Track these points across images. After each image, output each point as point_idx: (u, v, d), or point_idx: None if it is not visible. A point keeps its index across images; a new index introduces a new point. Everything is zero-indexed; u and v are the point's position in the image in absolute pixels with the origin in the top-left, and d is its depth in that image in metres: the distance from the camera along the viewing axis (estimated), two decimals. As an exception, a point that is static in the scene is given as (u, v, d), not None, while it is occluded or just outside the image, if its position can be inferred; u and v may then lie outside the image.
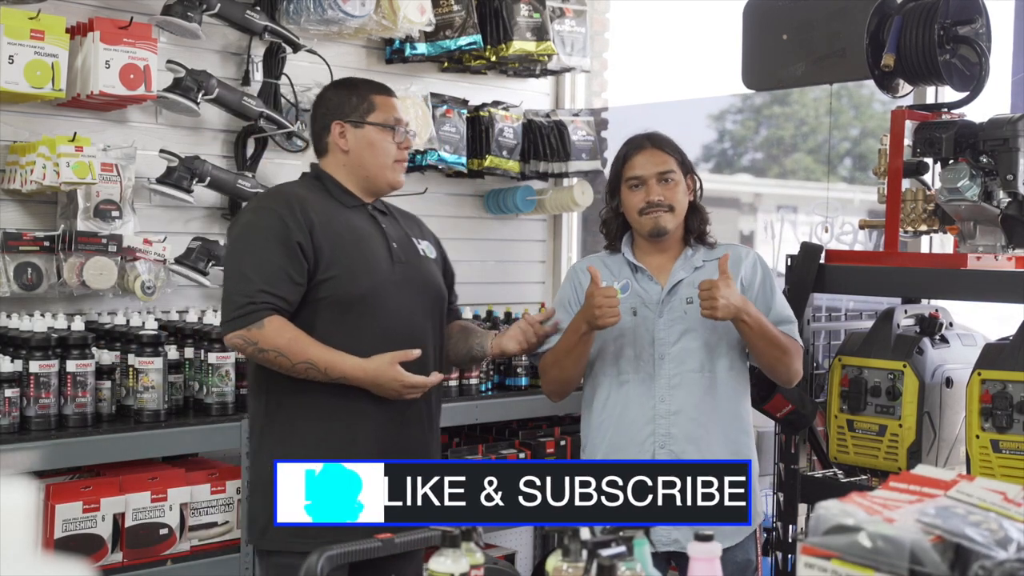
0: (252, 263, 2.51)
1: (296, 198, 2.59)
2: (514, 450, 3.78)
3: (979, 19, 2.92)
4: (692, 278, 2.76)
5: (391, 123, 2.68)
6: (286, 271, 2.49)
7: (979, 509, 1.39)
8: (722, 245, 2.83)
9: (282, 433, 2.57)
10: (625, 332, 2.76)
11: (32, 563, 0.97)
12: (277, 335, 2.46)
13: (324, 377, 2.49)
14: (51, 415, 2.84)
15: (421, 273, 2.70)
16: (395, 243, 2.67)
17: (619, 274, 2.82)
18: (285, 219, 2.52)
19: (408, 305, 2.64)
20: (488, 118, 4.07)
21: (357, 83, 2.76)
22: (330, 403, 2.54)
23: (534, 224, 4.55)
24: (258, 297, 2.47)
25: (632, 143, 2.82)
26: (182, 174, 3.36)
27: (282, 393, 2.57)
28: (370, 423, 2.56)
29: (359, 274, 2.57)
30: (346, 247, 2.58)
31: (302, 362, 2.47)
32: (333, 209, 2.62)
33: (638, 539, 1.61)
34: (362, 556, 1.89)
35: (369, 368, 2.49)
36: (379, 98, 2.70)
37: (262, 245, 2.51)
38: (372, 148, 2.67)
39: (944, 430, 2.88)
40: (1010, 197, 2.77)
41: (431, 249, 2.80)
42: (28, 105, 3.19)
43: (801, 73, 3.66)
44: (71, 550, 2.78)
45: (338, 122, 2.67)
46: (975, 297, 2.85)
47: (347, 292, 2.55)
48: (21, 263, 3.09)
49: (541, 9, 4.06)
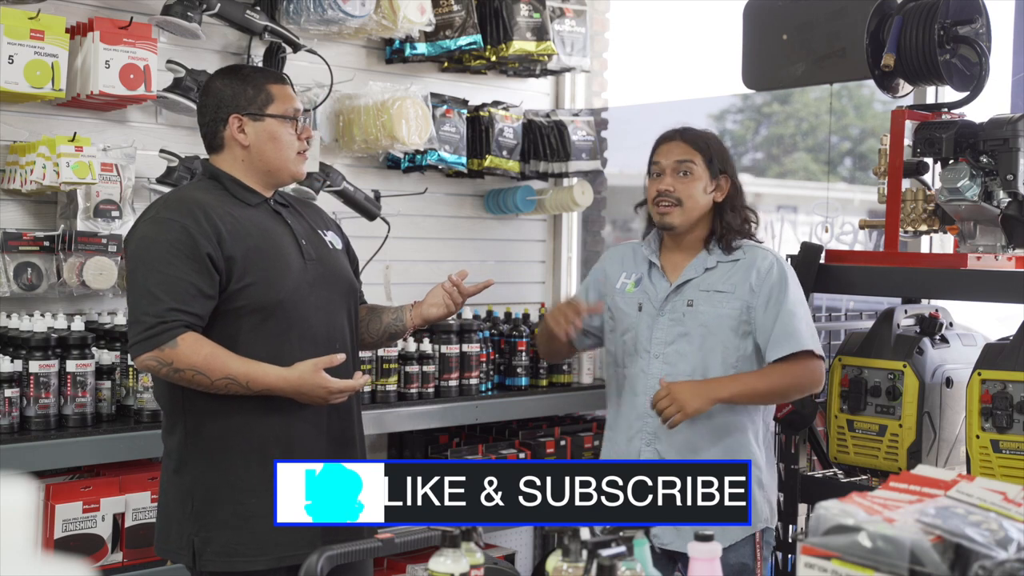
0: (158, 280, 2.37)
1: (198, 204, 2.44)
2: (514, 450, 3.78)
3: (979, 19, 2.92)
4: (699, 280, 2.75)
5: (291, 114, 2.54)
6: (196, 286, 2.37)
7: (979, 509, 1.39)
8: (744, 246, 2.79)
9: (208, 452, 2.45)
10: (630, 327, 2.79)
11: (32, 563, 0.97)
12: (193, 353, 2.33)
13: (246, 391, 2.37)
14: (51, 415, 2.85)
15: (331, 268, 2.60)
16: (304, 240, 2.56)
17: (638, 267, 2.85)
18: (189, 230, 2.38)
19: (325, 304, 2.55)
20: (488, 118, 4.07)
21: (249, 72, 2.60)
22: (260, 417, 2.44)
23: (534, 224, 4.54)
24: (168, 316, 2.34)
25: (668, 131, 2.83)
26: (182, 174, 3.36)
27: (203, 413, 2.44)
28: (302, 432, 2.48)
29: (275, 279, 2.45)
30: (258, 251, 2.45)
31: (222, 378, 2.35)
32: (237, 211, 2.49)
33: (638, 539, 1.61)
34: (362, 556, 1.90)
35: (292, 377, 2.38)
36: (276, 88, 2.56)
37: (167, 260, 2.37)
38: (274, 141, 2.52)
39: (944, 430, 2.88)
40: (1010, 197, 2.77)
41: (337, 239, 2.68)
42: (28, 105, 3.19)
43: (801, 73, 3.66)
44: (71, 550, 2.78)
45: (235, 115, 2.51)
46: (975, 297, 2.85)
47: (265, 299, 2.44)
48: (21, 263, 3.09)
49: (541, 9, 4.06)
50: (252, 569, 2.45)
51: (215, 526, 2.43)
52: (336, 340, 2.54)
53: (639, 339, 2.77)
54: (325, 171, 3.66)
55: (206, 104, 2.57)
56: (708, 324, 2.72)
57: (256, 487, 2.41)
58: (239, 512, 2.42)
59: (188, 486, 2.45)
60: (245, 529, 2.42)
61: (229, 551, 2.42)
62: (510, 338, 3.85)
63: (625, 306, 2.83)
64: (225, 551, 2.42)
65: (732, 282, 2.74)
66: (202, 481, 2.45)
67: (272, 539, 2.40)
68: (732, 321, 2.71)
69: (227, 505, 2.43)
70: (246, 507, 2.42)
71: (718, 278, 2.75)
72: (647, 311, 2.78)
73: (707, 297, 2.74)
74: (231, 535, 2.42)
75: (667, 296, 2.77)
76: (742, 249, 2.78)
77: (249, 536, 2.41)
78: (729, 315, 2.71)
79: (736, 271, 2.75)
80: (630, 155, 4.45)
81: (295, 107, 2.56)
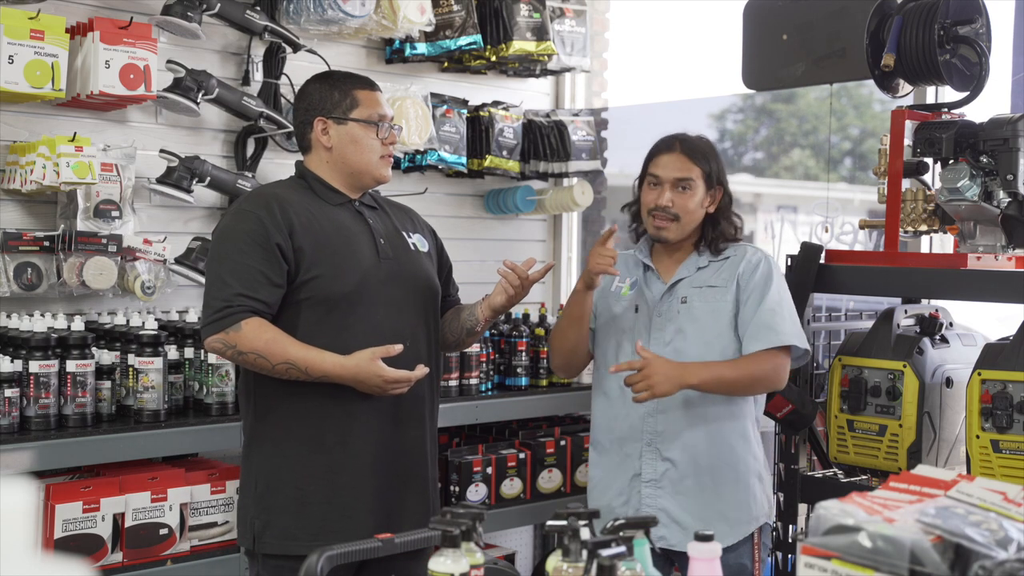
0: (230, 267, 2.49)
1: (276, 199, 2.56)
2: (514, 450, 3.78)
3: (979, 19, 2.92)
4: (692, 278, 2.79)
5: (374, 119, 2.63)
6: (264, 273, 2.47)
7: (979, 509, 1.39)
8: (732, 245, 2.84)
9: (274, 437, 2.57)
10: (626, 329, 2.81)
11: (32, 563, 0.97)
12: (255, 337, 2.43)
13: (306, 376, 2.47)
14: (51, 415, 2.85)
15: (409, 268, 2.67)
16: (382, 239, 2.64)
17: (632, 271, 2.87)
18: (264, 221, 2.50)
19: (396, 301, 2.61)
20: (488, 118, 4.07)
21: (339, 77, 2.71)
22: (321, 405, 2.53)
23: (534, 224, 4.54)
24: (235, 300, 2.45)
25: (665, 141, 2.84)
26: (182, 174, 3.36)
27: (270, 397, 2.56)
28: (361, 425, 2.55)
29: (343, 272, 2.55)
30: (329, 246, 2.55)
31: (282, 363, 2.45)
32: (317, 208, 2.59)
33: (638, 539, 1.61)
34: (362, 556, 1.89)
35: (349, 365, 2.46)
36: (362, 93, 2.65)
37: (240, 249, 2.49)
38: (356, 145, 2.62)
39: (944, 430, 2.88)
40: (1010, 197, 2.77)
41: (423, 242, 2.76)
42: (28, 105, 3.19)
43: (801, 73, 3.66)
44: (71, 550, 2.78)
45: (320, 118, 2.63)
46: (975, 297, 2.85)
47: (331, 291, 2.53)
48: (21, 263, 3.09)
49: (541, 9, 4.06)
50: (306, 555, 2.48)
51: (276, 510, 2.54)
52: (404, 337, 2.57)
53: (636, 339, 2.78)
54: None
55: (298, 107, 2.69)
56: (703, 320, 2.75)
57: (315, 473, 2.53)
58: (298, 497, 2.52)
59: (254, 470, 2.58)
60: (303, 515, 2.52)
61: (287, 535, 2.52)
62: (510, 338, 3.85)
63: (621, 309, 2.85)
64: (283, 535, 2.53)
65: (723, 277, 2.79)
66: (266, 465, 2.57)
67: (328, 527, 2.50)
68: (727, 316, 2.75)
69: (288, 490, 2.54)
70: (305, 493, 2.52)
71: (710, 275, 2.79)
72: (643, 312, 2.81)
73: (700, 293, 2.78)
74: (290, 520, 2.53)
75: (662, 296, 2.79)
76: (730, 248, 2.83)
77: (306, 521, 2.52)
78: (724, 310, 2.75)
79: (726, 267, 2.80)
80: (630, 155, 4.45)
81: (380, 112, 2.64)
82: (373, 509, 2.57)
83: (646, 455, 2.76)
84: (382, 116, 2.65)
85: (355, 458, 2.55)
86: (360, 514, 2.55)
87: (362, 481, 2.56)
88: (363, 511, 2.55)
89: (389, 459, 2.60)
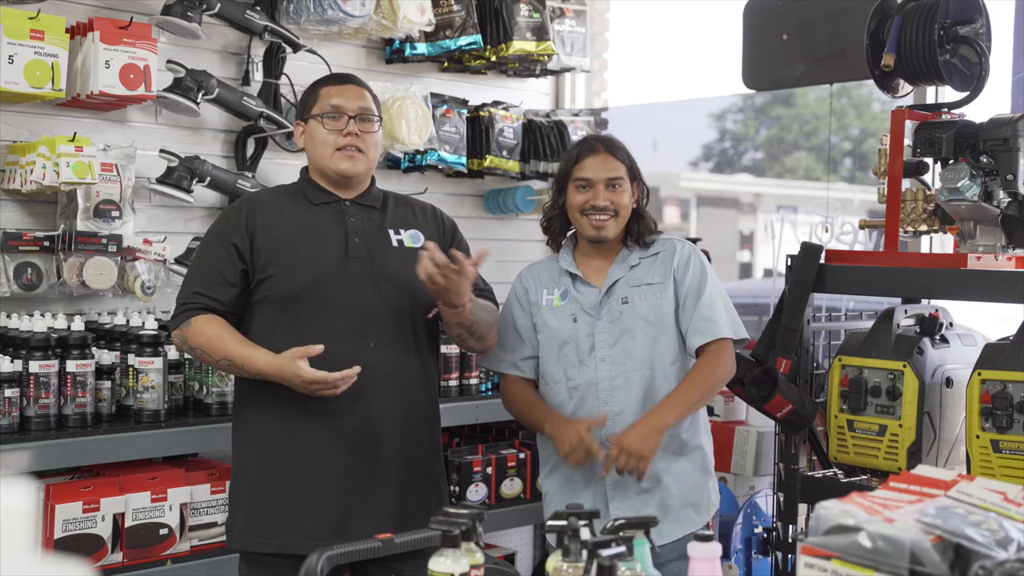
0: (195, 266, 2.64)
1: (250, 201, 2.68)
2: (514, 450, 3.78)
3: (979, 19, 2.92)
4: (628, 277, 2.82)
5: (327, 110, 2.62)
6: (221, 273, 2.56)
7: (979, 509, 1.39)
8: (658, 240, 2.87)
9: (244, 436, 2.65)
10: (568, 339, 2.81)
11: (32, 563, 0.97)
12: (199, 333, 2.52)
13: (243, 373, 2.53)
14: (51, 415, 2.84)
15: (384, 267, 2.61)
16: (357, 237, 2.61)
17: (557, 282, 2.87)
18: (229, 221, 2.62)
19: (360, 300, 2.58)
20: (488, 118, 4.07)
21: (323, 79, 2.75)
22: (278, 406, 2.54)
23: (534, 224, 4.53)
24: (191, 299, 2.56)
25: (586, 144, 2.87)
26: (182, 174, 3.36)
27: (244, 396, 2.65)
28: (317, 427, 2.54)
29: (296, 271, 2.55)
30: (287, 245, 2.57)
31: (223, 359, 2.52)
32: (291, 209, 2.63)
33: (638, 539, 1.61)
34: (362, 556, 1.90)
35: (274, 363, 2.47)
36: (324, 89, 2.66)
37: (207, 248, 2.62)
38: (312, 141, 2.65)
39: (944, 430, 2.88)
40: (1010, 197, 2.77)
41: (417, 237, 2.68)
42: (28, 105, 3.19)
43: (801, 73, 3.66)
44: (71, 550, 2.78)
45: (298, 122, 2.71)
46: (975, 297, 2.84)
47: (283, 290, 2.55)
48: (21, 263, 3.09)
49: (541, 9, 4.06)
50: (262, 552, 2.55)
51: (239, 506, 2.62)
52: (370, 337, 2.55)
53: (580, 348, 2.78)
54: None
55: None
56: (647, 317, 2.78)
57: (270, 473, 2.56)
58: (255, 494, 2.57)
59: (233, 467, 2.69)
60: (258, 512, 2.56)
61: (246, 531, 2.58)
62: (510, 338, 3.84)
63: (557, 320, 2.82)
64: (244, 531, 2.59)
65: (659, 273, 2.81)
66: (238, 461, 2.66)
67: (280, 525, 2.53)
68: (670, 311, 2.79)
69: (248, 487, 2.60)
70: (260, 489, 2.56)
71: (645, 272, 2.82)
72: (582, 320, 2.80)
73: (640, 292, 2.80)
74: (248, 516, 2.58)
75: (600, 300, 2.80)
76: (658, 243, 2.86)
77: (261, 519, 2.56)
78: (666, 306, 2.79)
79: (659, 263, 2.83)
80: (630, 155, 4.43)
81: (332, 103, 2.62)
82: (325, 510, 2.54)
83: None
84: (335, 107, 2.61)
85: (307, 460, 2.54)
86: (310, 515, 2.53)
87: (313, 482, 2.54)
88: (313, 512, 2.53)
89: (348, 462, 2.56)
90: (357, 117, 2.62)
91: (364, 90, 2.69)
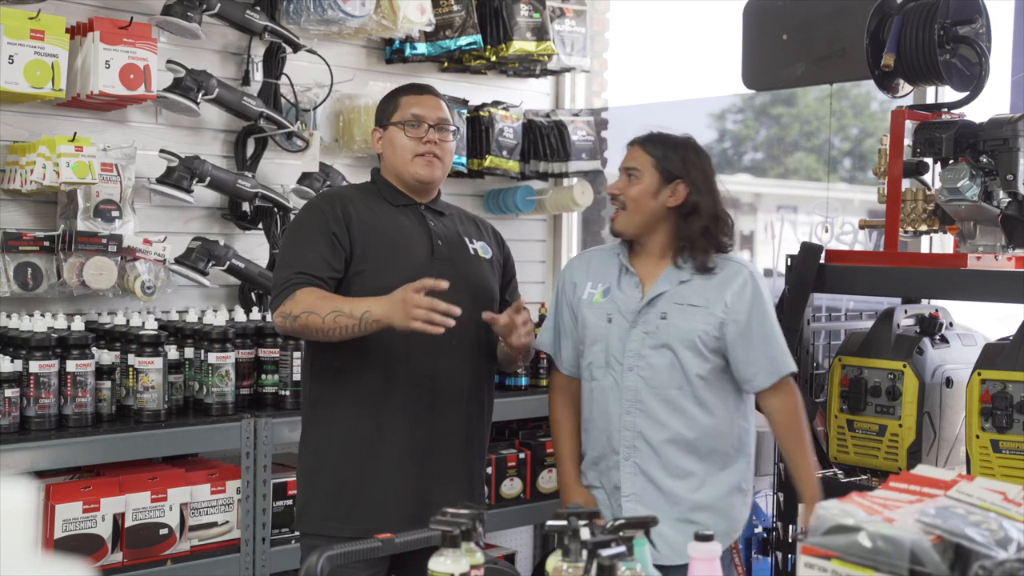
0: (292, 252, 2.64)
1: (340, 197, 2.73)
2: (514, 450, 3.78)
3: (979, 19, 2.92)
4: (674, 292, 2.68)
5: (407, 119, 2.71)
6: (322, 255, 2.59)
7: (979, 509, 1.39)
8: (720, 260, 2.69)
9: (323, 424, 2.68)
10: (599, 338, 2.73)
11: (32, 563, 0.97)
12: (304, 298, 2.53)
13: (353, 320, 2.46)
14: (51, 415, 2.84)
15: (464, 270, 2.71)
16: (440, 240, 2.71)
17: (606, 274, 2.77)
18: (325, 212, 2.65)
19: (445, 300, 2.55)
20: (488, 118, 4.07)
21: (400, 88, 2.82)
22: (360, 394, 2.63)
23: (534, 224, 4.54)
24: (294, 278, 2.57)
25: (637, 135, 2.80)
26: (182, 174, 3.36)
27: (323, 385, 2.67)
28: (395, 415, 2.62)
29: (389, 268, 2.61)
30: (382, 241, 2.65)
31: (330, 312, 2.48)
32: (379, 207, 2.71)
33: (638, 539, 1.61)
34: (362, 556, 1.89)
35: (383, 298, 2.46)
36: (405, 98, 2.76)
37: (303, 236, 2.64)
38: (392, 147, 2.73)
39: (944, 430, 2.88)
40: (1010, 197, 2.77)
41: (486, 249, 2.83)
42: (28, 105, 3.19)
43: (801, 73, 3.66)
44: (71, 550, 2.78)
45: (376, 128, 2.80)
46: (975, 297, 2.85)
47: (375, 286, 2.56)
48: (21, 263, 3.09)
49: (541, 9, 4.06)
50: (340, 536, 2.50)
51: (315, 491, 2.67)
52: (452, 336, 2.55)
53: (610, 351, 2.70)
54: (325, 171, 3.66)
55: None
56: (683, 337, 2.64)
57: (351, 461, 2.63)
58: (335, 482, 2.64)
59: (305, 453, 2.72)
60: (338, 498, 2.62)
61: (323, 515, 2.64)
62: (510, 338, 3.84)
63: (593, 317, 2.75)
64: (319, 515, 2.64)
65: (707, 297, 2.66)
66: (312, 447, 2.70)
67: (358, 514, 2.60)
68: (704, 336, 2.63)
69: (327, 474, 2.66)
70: (342, 478, 2.63)
71: (692, 292, 2.67)
72: (617, 323, 2.71)
73: (681, 311, 2.65)
74: (326, 502, 2.64)
75: (640, 308, 2.69)
76: (719, 264, 2.69)
77: (340, 505, 2.62)
78: (702, 330, 2.63)
79: (711, 287, 2.67)
80: (630, 155, 4.43)
81: (413, 112, 2.72)
82: (403, 500, 2.62)
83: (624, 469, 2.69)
84: (416, 116, 2.71)
85: (389, 447, 2.62)
86: (388, 504, 2.61)
87: (392, 472, 2.62)
88: (391, 501, 2.61)
89: (423, 451, 2.65)
90: (436, 127, 2.72)
91: (442, 101, 2.79)
